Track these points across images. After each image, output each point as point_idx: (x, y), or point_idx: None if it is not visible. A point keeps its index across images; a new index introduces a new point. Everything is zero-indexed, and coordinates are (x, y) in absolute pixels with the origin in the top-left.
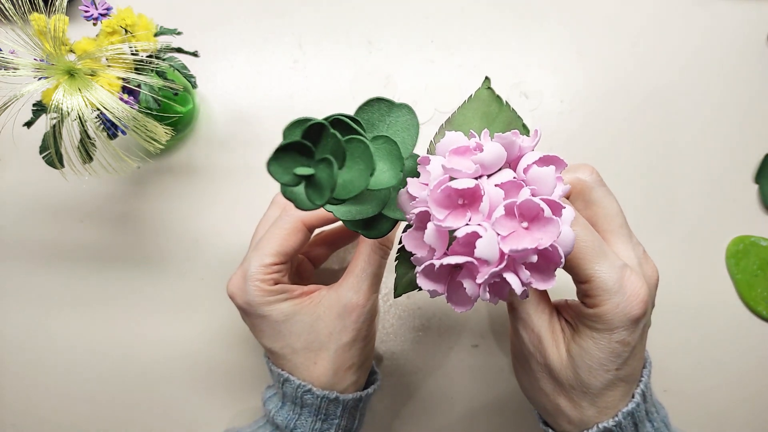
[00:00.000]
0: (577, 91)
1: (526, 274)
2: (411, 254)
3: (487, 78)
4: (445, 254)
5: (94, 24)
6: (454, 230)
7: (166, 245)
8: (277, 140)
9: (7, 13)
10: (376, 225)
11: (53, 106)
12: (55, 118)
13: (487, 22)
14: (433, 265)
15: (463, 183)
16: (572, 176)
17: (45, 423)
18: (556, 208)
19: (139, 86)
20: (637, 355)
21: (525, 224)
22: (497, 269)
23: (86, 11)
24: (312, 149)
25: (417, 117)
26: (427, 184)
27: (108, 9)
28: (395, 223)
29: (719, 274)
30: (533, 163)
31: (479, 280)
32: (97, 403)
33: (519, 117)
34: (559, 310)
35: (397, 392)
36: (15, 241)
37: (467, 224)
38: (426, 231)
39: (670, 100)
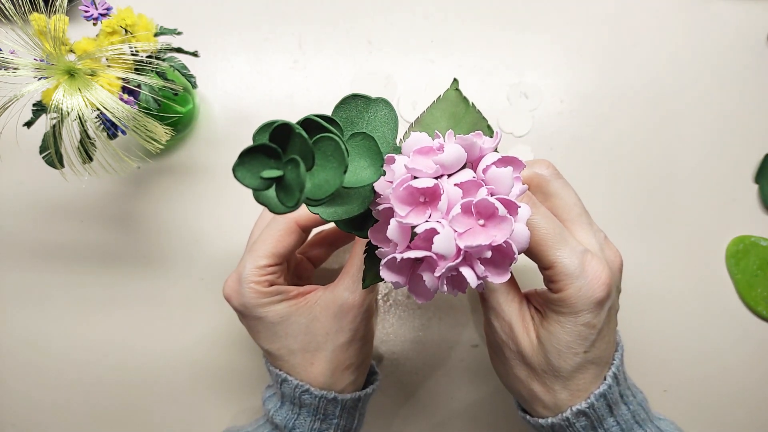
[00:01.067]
0: (577, 91)
1: (481, 268)
2: (377, 248)
3: (455, 80)
4: (407, 248)
5: (94, 24)
6: (415, 226)
7: (166, 245)
8: None
9: (7, 13)
10: (367, 224)
11: (53, 106)
12: (55, 118)
13: (487, 23)
14: (395, 258)
15: (424, 182)
16: (530, 171)
17: (44, 423)
18: (511, 207)
19: (139, 86)
20: (605, 338)
21: (481, 222)
22: (454, 264)
23: (86, 11)
24: (278, 151)
25: (395, 110)
26: (391, 182)
27: (108, 9)
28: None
29: (719, 274)
30: (492, 164)
31: (437, 274)
32: (96, 403)
33: (484, 118)
34: (529, 298)
35: (397, 392)
36: (15, 241)
37: (427, 221)
38: (389, 226)
39: (670, 99)
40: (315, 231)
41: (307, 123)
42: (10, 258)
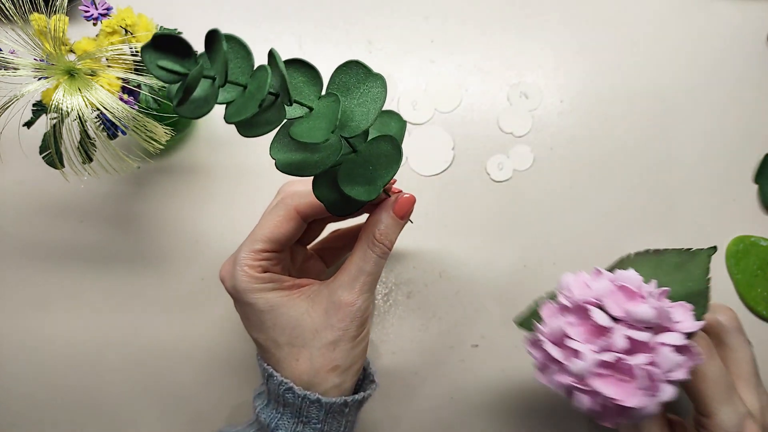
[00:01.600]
0: (577, 91)
1: (596, 404)
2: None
3: (714, 248)
4: (555, 342)
5: (94, 24)
6: (570, 338)
7: (166, 245)
8: None
9: (7, 13)
10: (338, 200)
11: (53, 106)
12: (55, 118)
13: (487, 22)
14: (539, 341)
15: (601, 319)
16: (712, 317)
17: (44, 422)
18: (656, 389)
19: (139, 86)
20: None
21: (626, 378)
22: (575, 386)
23: (86, 11)
24: (189, 49)
25: (387, 91)
26: (588, 288)
27: (108, 9)
28: (360, 204)
29: (719, 274)
30: (671, 346)
31: (557, 379)
32: (96, 403)
33: (707, 296)
34: (673, 426)
35: (396, 392)
36: (15, 241)
37: (584, 341)
38: (552, 319)
39: (670, 99)
40: (331, 228)
41: (270, 54)
42: (9, 258)
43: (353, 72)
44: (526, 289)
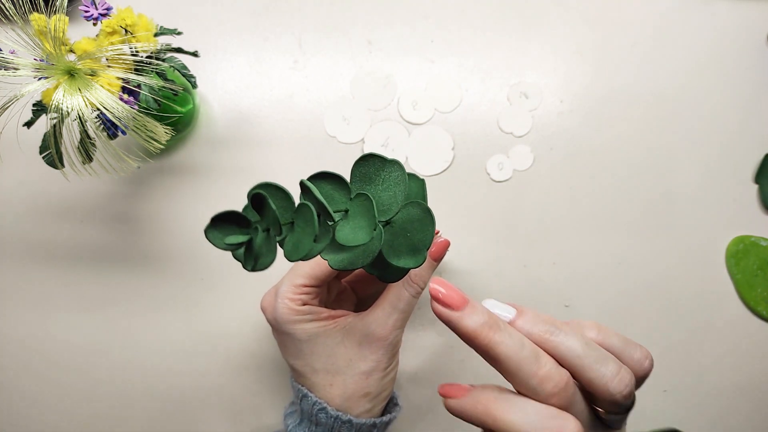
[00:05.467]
0: (577, 91)
1: None
2: None
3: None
4: None
5: (94, 24)
6: None
7: (166, 245)
8: (277, 140)
9: (7, 13)
10: (388, 271)
11: (53, 106)
12: (55, 118)
13: (487, 22)
14: None
15: None
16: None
17: (44, 423)
18: None
19: (139, 86)
20: None
21: None
22: None
23: (86, 11)
24: (246, 219)
25: (405, 172)
26: None
27: (108, 9)
28: (405, 270)
29: (719, 274)
30: None
31: None
32: (95, 403)
33: None
34: None
35: (396, 392)
36: (15, 241)
37: None
38: None
39: (670, 99)
40: None
41: (302, 184)
42: (10, 258)
43: (370, 163)
44: (526, 289)
